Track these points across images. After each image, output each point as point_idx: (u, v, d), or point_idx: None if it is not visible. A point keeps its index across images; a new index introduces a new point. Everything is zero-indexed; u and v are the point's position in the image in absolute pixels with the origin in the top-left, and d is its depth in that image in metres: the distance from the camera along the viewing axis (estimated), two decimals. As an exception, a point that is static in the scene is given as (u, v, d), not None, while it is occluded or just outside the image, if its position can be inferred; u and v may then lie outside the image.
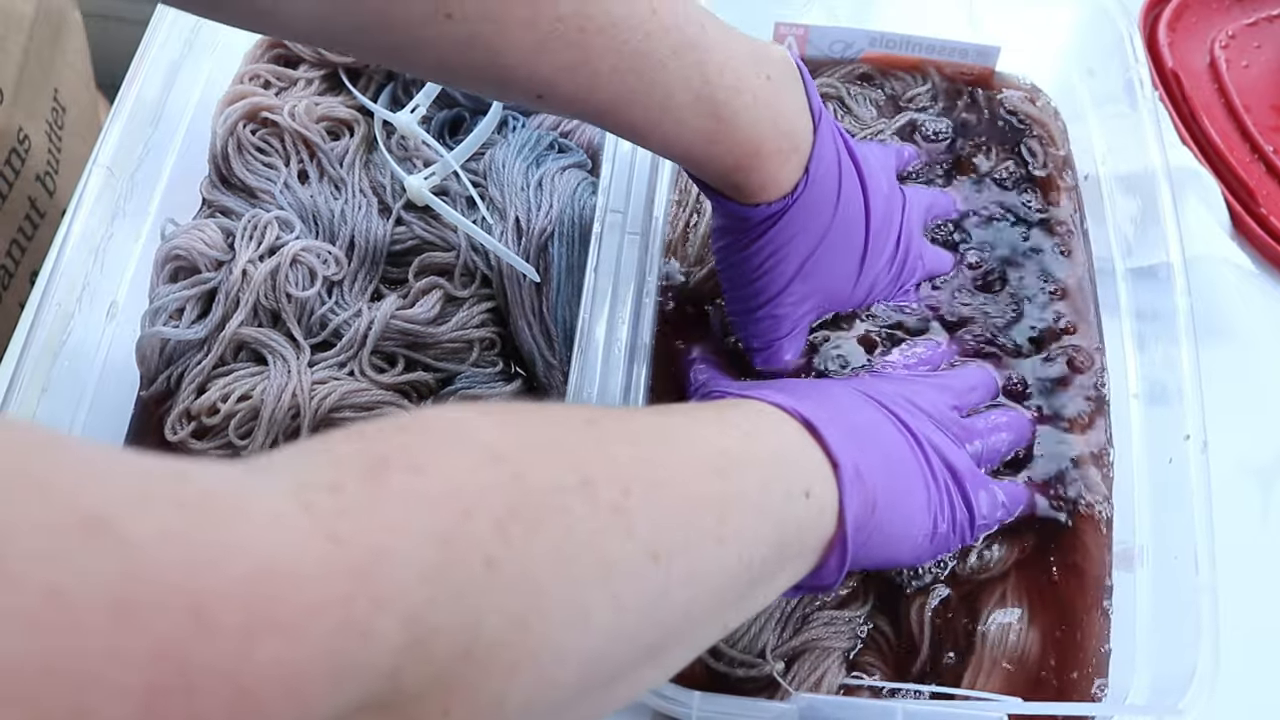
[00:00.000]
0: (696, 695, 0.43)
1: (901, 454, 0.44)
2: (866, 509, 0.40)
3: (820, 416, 0.40)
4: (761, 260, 0.49)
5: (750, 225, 0.48)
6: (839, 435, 0.39)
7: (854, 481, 0.38)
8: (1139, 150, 0.57)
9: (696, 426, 0.37)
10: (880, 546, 0.42)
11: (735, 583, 0.34)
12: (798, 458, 0.38)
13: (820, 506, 0.38)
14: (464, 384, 0.55)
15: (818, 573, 0.39)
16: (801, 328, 0.53)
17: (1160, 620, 0.48)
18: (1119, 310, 0.56)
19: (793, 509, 0.36)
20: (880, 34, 0.64)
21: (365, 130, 0.63)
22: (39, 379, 0.50)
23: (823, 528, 0.38)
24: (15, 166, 0.78)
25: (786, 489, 0.36)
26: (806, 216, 0.48)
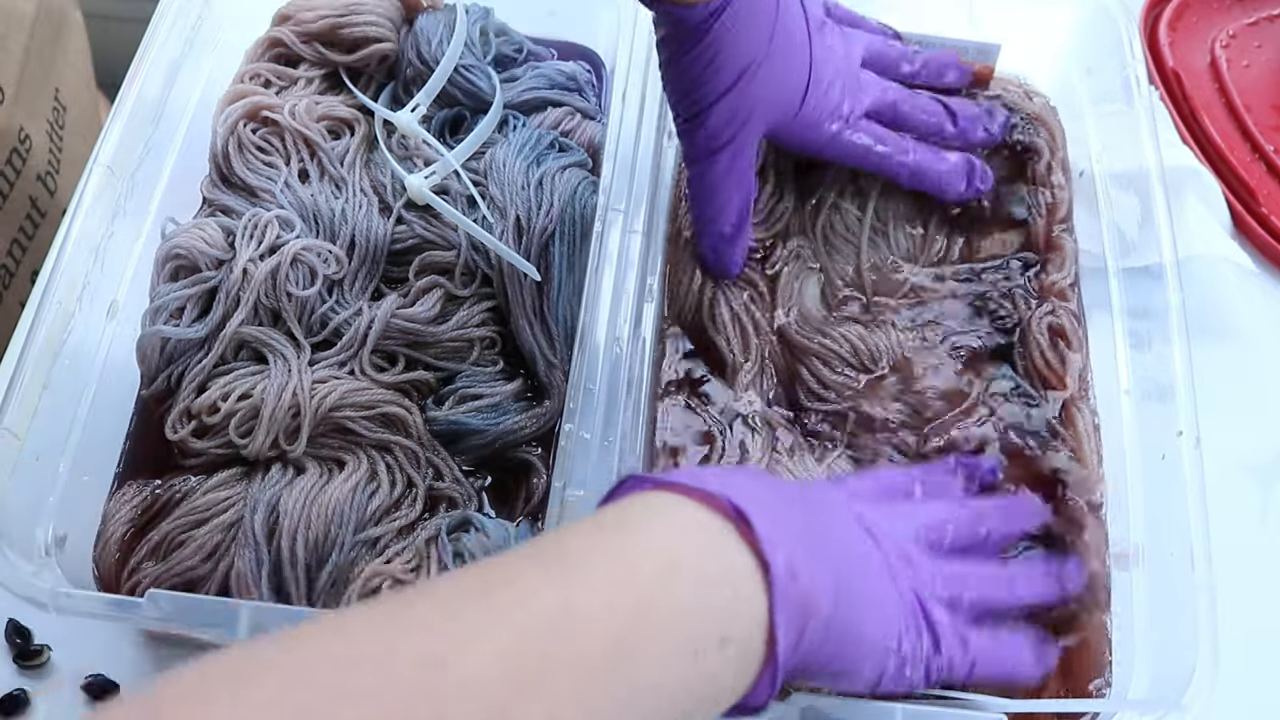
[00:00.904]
0: (696, 694, 0.43)
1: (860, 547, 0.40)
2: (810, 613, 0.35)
3: (752, 498, 0.35)
4: (704, 64, 0.49)
5: (691, 26, 0.48)
6: (773, 520, 0.35)
7: (788, 585, 0.34)
8: (1134, 148, 0.57)
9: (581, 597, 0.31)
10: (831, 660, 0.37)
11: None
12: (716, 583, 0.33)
13: (742, 644, 0.33)
14: (464, 383, 0.55)
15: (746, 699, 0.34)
16: (743, 139, 0.52)
17: (1158, 619, 0.48)
18: (1111, 308, 0.56)
19: (704, 667, 0.32)
20: (881, 33, 0.64)
21: (366, 129, 0.63)
22: (40, 377, 0.50)
23: (746, 664, 0.33)
24: (16, 166, 0.78)
25: (696, 647, 0.32)
26: (748, 18, 0.48)
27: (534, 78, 0.65)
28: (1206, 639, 0.44)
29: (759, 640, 0.33)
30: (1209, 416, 0.49)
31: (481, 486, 0.54)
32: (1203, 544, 0.46)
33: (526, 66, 0.66)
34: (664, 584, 0.32)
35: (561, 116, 0.64)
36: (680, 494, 0.35)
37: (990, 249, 0.59)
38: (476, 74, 0.63)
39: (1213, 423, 0.49)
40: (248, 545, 0.50)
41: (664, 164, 0.60)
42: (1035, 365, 0.55)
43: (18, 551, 0.47)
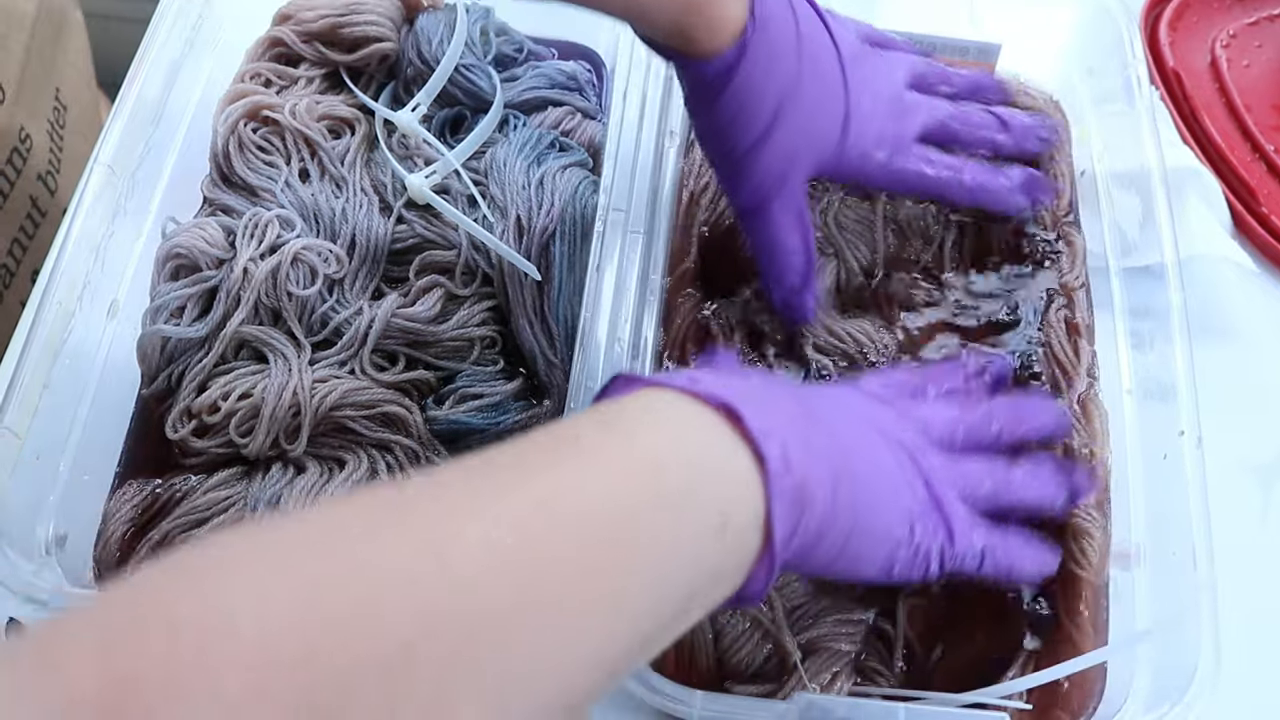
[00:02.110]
0: (699, 694, 0.43)
1: (864, 441, 0.41)
2: (805, 505, 0.35)
3: (743, 396, 0.35)
4: (731, 114, 0.48)
5: (711, 79, 0.48)
6: (767, 414, 0.35)
7: (782, 475, 0.34)
8: (1136, 148, 0.57)
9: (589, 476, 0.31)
10: (830, 548, 0.37)
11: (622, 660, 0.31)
12: (712, 473, 0.34)
13: (741, 530, 0.34)
14: (465, 382, 0.55)
15: (743, 588, 0.35)
16: (790, 186, 0.51)
17: (1160, 619, 0.48)
18: (1113, 307, 0.56)
19: (706, 549, 0.33)
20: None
21: (366, 129, 0.63)
22: (40, 377, 0.50)
23: (744, 551, 0.34)
24: (17, 165, 0.78)
25: (699, 528, 0.32)
26: (767, 60, 0.47)
27: (534, 77, 0.65)
28: (1208, 638, 0.44)
29: (756, 529, 0.34)
30: (1209, 416, 0.49)
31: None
32: (1204, 543, 0.46)
33: (527, 66, 0.66)
34: (667, 470, 0.33)
35: (562, 116, 0.64)
36: (675, 392, 0.36)
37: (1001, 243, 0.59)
38: (477, 73, 0.63)
39: (1213, 422, 0.49)
40: (248, 545, 0.50)
41: (664, 164, 0.60)
42: (1055, 355, 0.55)
43: (18, 551, 0.47)
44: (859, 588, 0.49)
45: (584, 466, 0.32)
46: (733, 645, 0.48)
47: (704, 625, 0.48)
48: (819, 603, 0.49)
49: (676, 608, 0.32)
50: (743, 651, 0.48)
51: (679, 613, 0.33)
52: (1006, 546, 0.43)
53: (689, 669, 0.48)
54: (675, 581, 0.32)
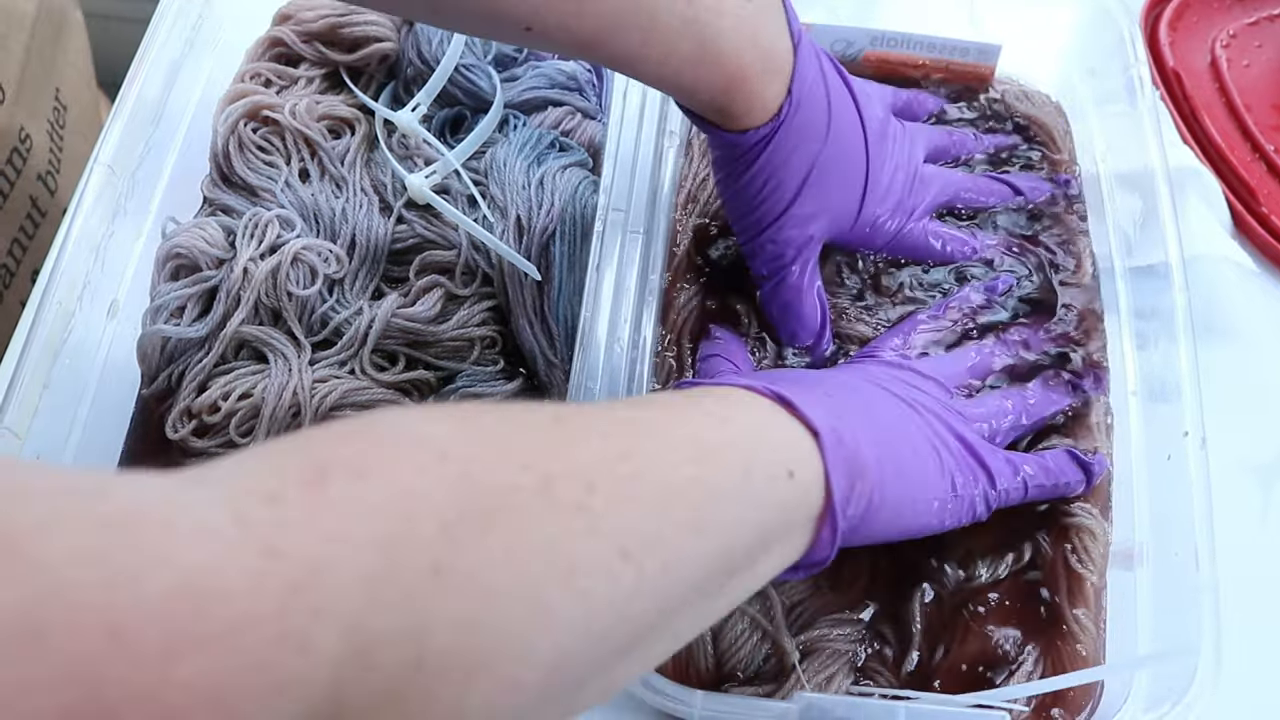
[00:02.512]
0: (699, 694, 0.43)
1: (896, 415, 0.44)
2: (857, 474, 0.39)
3: (793, 390, 0.39)
4: (759, 185, 0.50)
5: (743, 152, 0.49)
6: (814, 404, 0.39)
7: (836, 447, 0.38)
8: (1138, 149, 0.57)
9: (669, 416, 0.36)
10: (887, 514, 0.41)
11: (714, 574, 0.34)
12: (776, 437, 0.38)
13: (806, 484, 0.37)
14: (465, 382, 0.55)
15: (810, 550, 0.38)
16: (808, 254, 0.53)
17: (1161, 619, 0.48)
18: (1118, 308, 0.56)
19: (775, 492, 0.36)
20: (881, 33, 0.64)
21: (366, 129, 0.63)
22: (40, 377, 0.50)
23: (810, 505, 0.37)
24: (17, 165, 0.78)
25: (767, 471, 0.36)
26: (798, 137, 0.49)
27: (534, 77, 0.65)
28: (1210, 639, 0.44)
29: (818, 486, 0.37)
30: (1209, 416, 0.49)
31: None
32: (1207, 544, 0.45)
33: (527, 66, 0.66)
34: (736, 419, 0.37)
35: (562, 116, 0.64)
36: (730, 385, 0.40)
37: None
38: (477, 73, 0.63)
39: (1213, 422, 0.49)
40: (248, 545, 0.50)
41: (664, 164, 0.60)
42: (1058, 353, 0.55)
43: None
44: (859, 586, 0.49)
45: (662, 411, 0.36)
46: (731, 646, 0.48)
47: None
48: (817, 602, 0.49)
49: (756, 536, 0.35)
50: (741, 652, 0.48)
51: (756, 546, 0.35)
52: (1045, 467, 0.48)
53: (687, 670, 0.48)
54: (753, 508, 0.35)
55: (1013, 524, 0.50)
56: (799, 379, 0.43)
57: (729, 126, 0.48)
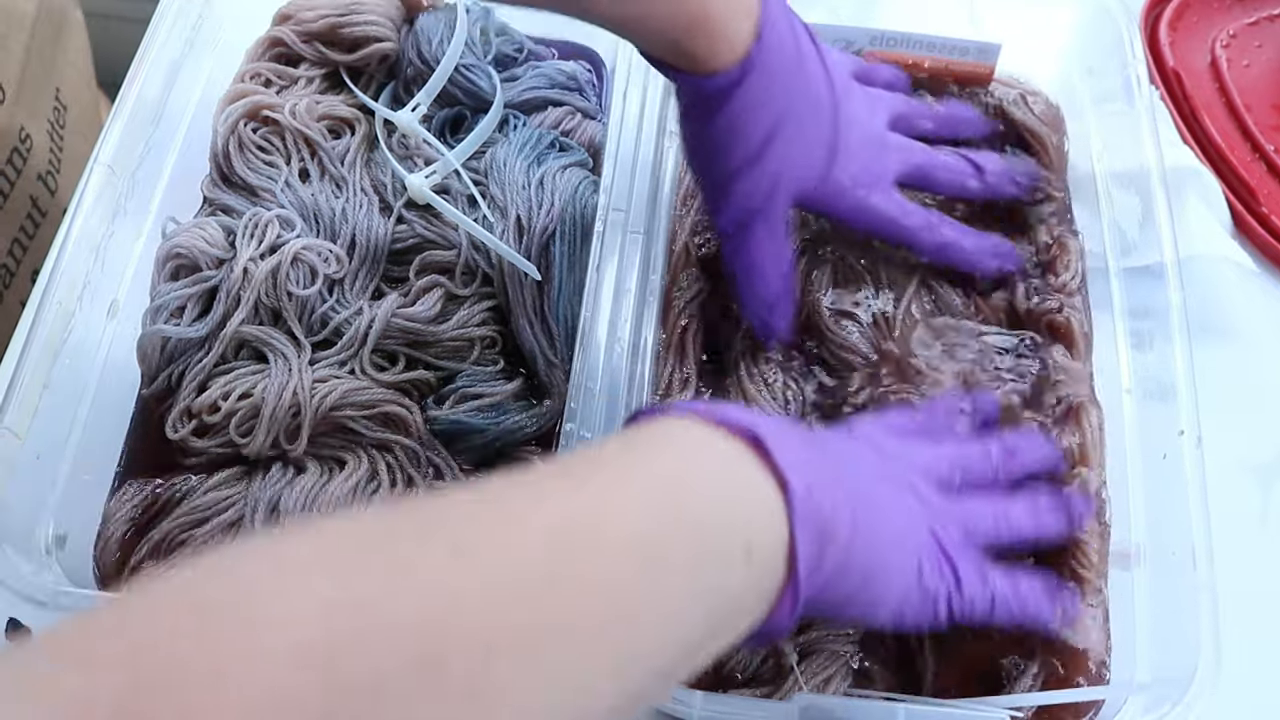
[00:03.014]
0: (699, 695, 0.43)
1: (873, 478, 0.41)
2: (828, 537, 0.35)
3: (768, 428, 0.35)
4: (726, 133, 0.48)
5: (710, 96, 0.47)
6: (790, 448, 0.35)
7: (806, 502, 0.34)
8: (1135, 148, 0.57)
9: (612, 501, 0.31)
10: (852, 583, 0.37)
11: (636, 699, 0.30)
12: (736, 499, 0.33)
13: (764, 557, 0.33)
14: (465, 382, 0.55)
15: (767, 621, 0.34)
16: (775, 208, 0.50)
17: (1160, 620, 0.48)
18: (1112, 307, 0.56)
19: (730, 577, 0.32)
20: (881, 32, 0.64)
21: (366, 129, 0.63)
22: (40, 377, 0.50)
23: (767, 580, 0.34)
24: (17, 165, 0.78)
25: (723, 554, 0.32)
26: (767, 82, 0.47)
27: (534, 77, 0.65)
28: (1208, 638, 0.44)
29: (780, 558, 0.34)
30: (1209, 416, 0.49)
31: (482, 486, 0.54)
32: (1204, 543, 0.46)
33: (527, 66, 0.66)
34: (690, 491, 0.32)
35: (562, 116, 0.64)
36: (697, 418, 0.36)
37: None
38: (477, 73, 0.63)
39: (1213, 422, 0.49)
40: (248, 545, 0.50)
41: (665, 164, 0.60)
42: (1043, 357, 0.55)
43: (18, 551, 0.47)
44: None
45: (607, 487, 0.31)
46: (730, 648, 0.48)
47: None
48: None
49: (698, 634, 0.31)
50: (740, 653, 0.48)
51: (700, 640, 0.32)
52: (1018, 591, 0.43)
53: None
54: (696, 607, 0.31)
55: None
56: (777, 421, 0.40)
57: (695, 70, 0.47)
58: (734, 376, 0.54)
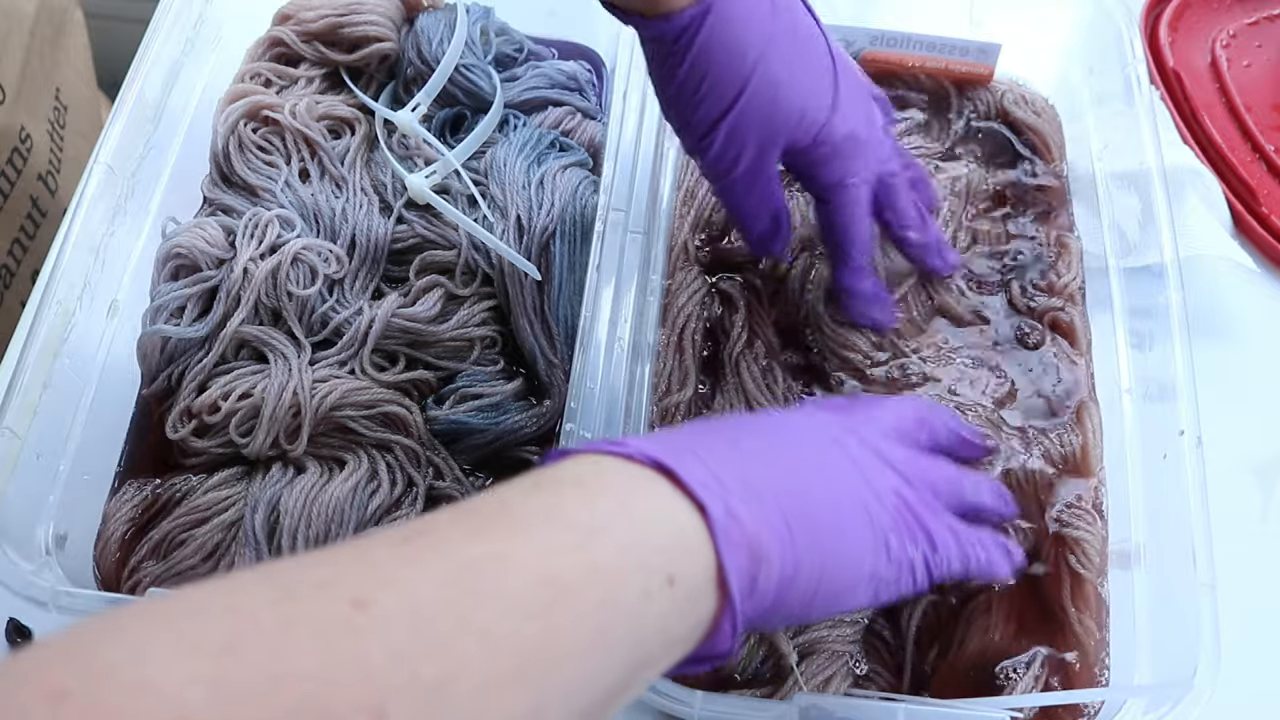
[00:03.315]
0: (699, 695, 0.43)
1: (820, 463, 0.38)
2: (760, 554, 0.34)
3: (679, 452, 0.34)
4: (696, 82, 0.46)
5: (671, 42, 0.45)
6: (702, 469, 0.33)
7: (729, 526, 0.33)
8: (1135, 148, 0.57)
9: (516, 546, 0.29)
10: (803, 590, 0.36)
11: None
12: (654, 533, 0.32)
13: (690, 586, 0.32)
14: (465, 382, 0.55)
15: (709, 645, 0.33)
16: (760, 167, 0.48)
17: (1160, 619, 0.48)
18: (1112, 307, 0.56)
19: (651, 610, 0.31)
20: (881, 32, 0.64)
21: (366, 129, 0.63)
22: (40, 377, 0.50)
23: (698, 607, 0.32)
24: (17, 165, 0.78)
25: (641, 589, 0.30)
26: (733, 26, 0.45)
27: (534, 77, 0.65)
28: (1208, 638, 0.44)
29: (710, 582, 0.32)
30: (1209, 416, 0.49)
31: (481, 486, 0.54)
32: (1204, 543, 0.45)
33: (527, 66, 0.66)
34: (604, 526, 0.31)
35: (562, 116, 0.64)
36: (602, 455, 0.34)
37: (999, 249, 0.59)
38: (477, 73, 0.63)
39: (1213, 422, 0.49)
40: (248, 544, 0.50)
41: (664, 163, 0.60)
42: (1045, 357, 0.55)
43: (18, 551, 0.47)
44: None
45: (512, 531, 0.30)
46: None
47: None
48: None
49: (621, 670, 0.30)
50: (739, 654, 0.48)
51: (626, 675, 0.31)
52: (982, 544, 0.42)
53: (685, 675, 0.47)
54: (615, 645, 0.30)
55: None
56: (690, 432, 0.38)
57: (652, 12, 0.44)
58: (733, 376, 0.54)
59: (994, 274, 0.58)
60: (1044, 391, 0.54)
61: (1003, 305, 0.57)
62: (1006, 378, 0.55)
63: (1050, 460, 0.52)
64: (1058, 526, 0.51)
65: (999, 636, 0.48)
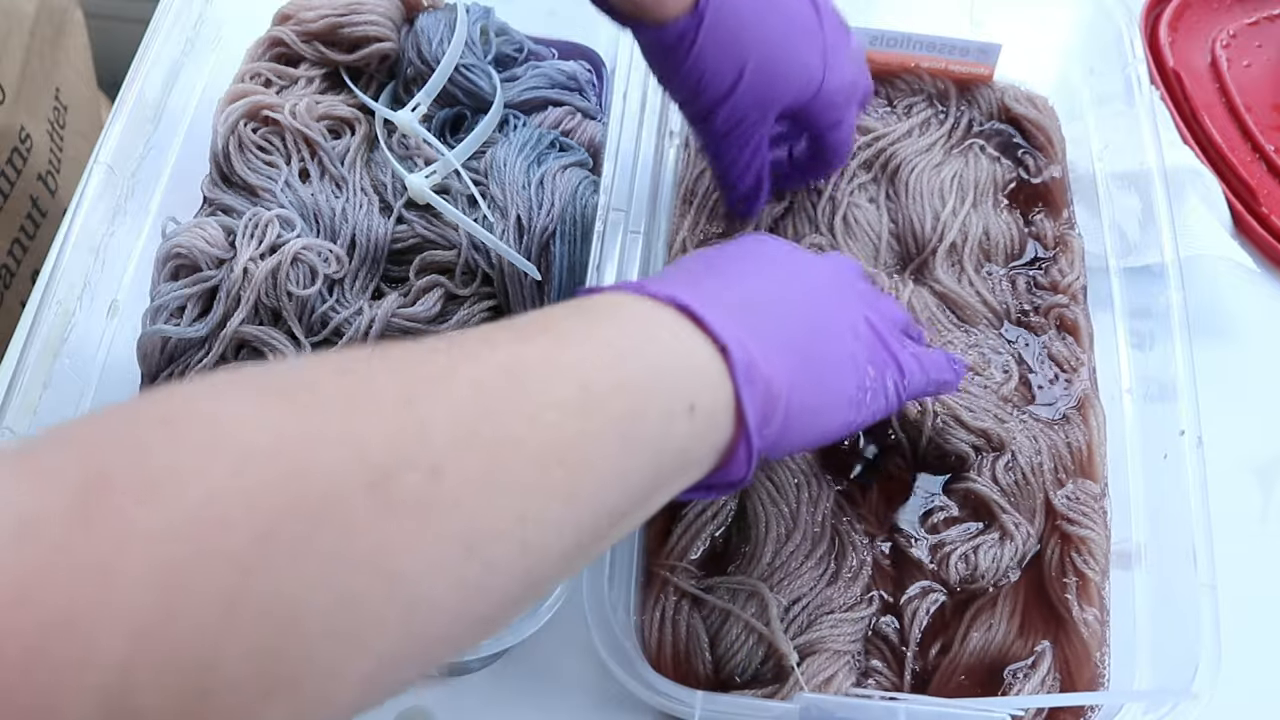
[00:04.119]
0: (699, 695, 0.43)
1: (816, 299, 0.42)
2: (772, 391, 0.36)
3: (700, 296, 0.36)
4: (695, 78, 0.48)
5: (669, 47, 0.47)
6: (725, 314, 0.36)
7: (748, 366, 0.35)
8: (1136, 148, 0.57)
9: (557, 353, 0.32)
10: (804, 421, 0.39)
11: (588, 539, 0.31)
12: (677, 364, 0.34)
13: (710, 414, 0.34)
14: (465, 382, 0.55)
15: (724, 471, 0.36)
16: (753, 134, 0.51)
17: (1160, 619, 0.48)
18: (1113, 307, 0.56)
19: (673, 429, 0.33)
20: (881, 32, 0.64)
21: (366, 129, 0.63)
22: (40, 376, 0.50)
23: (715, 434, 0.35)
24: (17, 165, 0.78)
25: (664, 409, 0.33)
26: (729, 23, 0.47)
27: (534, 77, 0.65)
28: (1209, 638, 0.44)
29: (727, 414, 0.35)
30: (1209, 416, 0.49)
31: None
32: (1205, 543, 0.46)
33: (527, 66, 0.66)
34: (632, 353, 0.34)
35: (562, 116, 0.64)
36: (630, 294, 0.37)
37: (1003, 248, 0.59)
38: (477, 73, 0.63)
39: (1213, 422, 0.49)
40: (248, 545, 0.50)
41: (665, 164, 0.60)
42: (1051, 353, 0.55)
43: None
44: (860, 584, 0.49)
45: (554, 343, 0.33)
46: (728, 650, 0.48)
47: (698, 631, 0.48)
48: (817, 599, 0.49)
49: (644, 480, 0.33)
50: (739, 656, 0.48)
51: (647, 486, 0.33)
52: (935, 361, 0.46)
53: (686, 676, 0.47)
54: (639, 454, 0.32)
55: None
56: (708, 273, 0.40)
57: (646, 18, 0.46)
58: None
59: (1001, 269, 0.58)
60: (1049, 389, 0.54)
61: (1010, 300, 0.57)
62: (1013, 373, 0.55)
63: (1057, 457, 0.52)
64: (1064, 524, 0.51)
65: (1002, 636, 0.48)
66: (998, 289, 0.58)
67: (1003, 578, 0.50)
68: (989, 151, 0.62)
